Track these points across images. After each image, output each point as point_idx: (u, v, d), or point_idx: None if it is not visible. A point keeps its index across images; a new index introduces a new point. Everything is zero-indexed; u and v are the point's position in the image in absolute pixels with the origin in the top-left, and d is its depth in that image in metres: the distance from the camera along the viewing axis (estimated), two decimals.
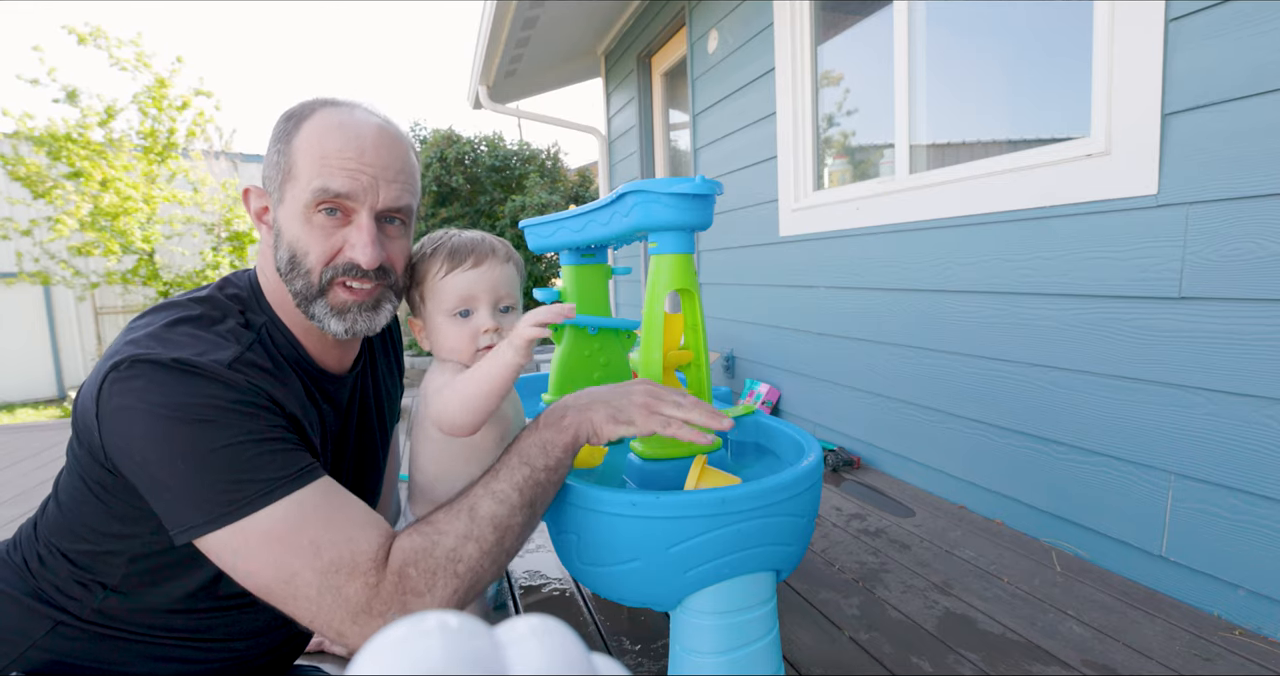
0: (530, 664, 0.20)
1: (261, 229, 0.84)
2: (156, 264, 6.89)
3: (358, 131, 0.77)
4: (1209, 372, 1.30)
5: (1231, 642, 1.23)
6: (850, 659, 1.22)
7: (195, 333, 0.73)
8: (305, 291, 0.79)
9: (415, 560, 0.71)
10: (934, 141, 2.08)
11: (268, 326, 0.81)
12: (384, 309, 0.84)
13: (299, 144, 0.76)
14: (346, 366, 0.92)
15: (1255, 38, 1.19)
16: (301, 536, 0.67)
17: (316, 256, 0.77)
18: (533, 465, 0.81)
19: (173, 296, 0.82)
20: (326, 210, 0.76)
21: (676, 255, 1.05)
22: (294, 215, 0.77)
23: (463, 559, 0.73)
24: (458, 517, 0.75)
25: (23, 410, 7.97)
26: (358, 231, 0.78)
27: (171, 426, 0.66)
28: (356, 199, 0.77)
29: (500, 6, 3.75)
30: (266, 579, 0.67)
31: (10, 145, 6.36)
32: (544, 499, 0.82)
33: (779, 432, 1.23)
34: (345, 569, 0.68)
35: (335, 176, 0.75)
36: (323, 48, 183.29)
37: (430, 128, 7.21)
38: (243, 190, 0.83)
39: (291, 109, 0.80)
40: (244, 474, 0.66)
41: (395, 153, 0.80)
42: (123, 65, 6.37)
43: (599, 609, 1.43)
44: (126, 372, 0.67)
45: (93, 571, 0.77)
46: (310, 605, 0.68)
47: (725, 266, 3.28)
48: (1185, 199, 1.32)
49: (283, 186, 0.78)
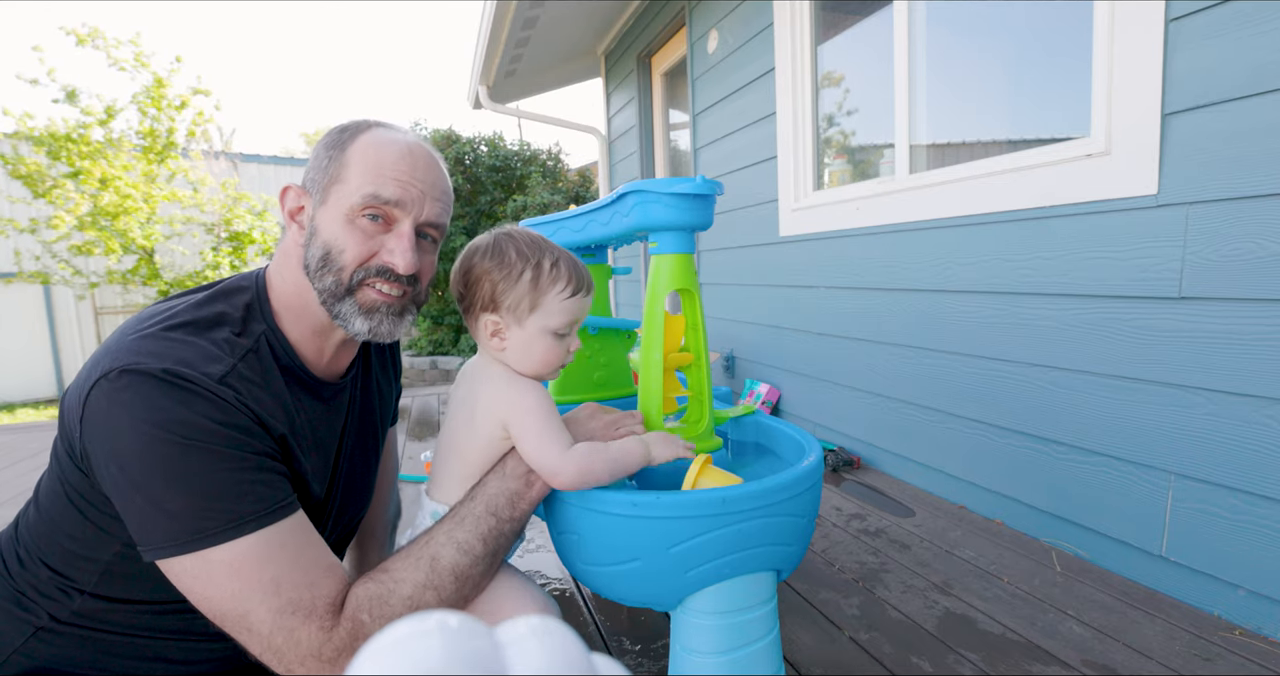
0: (530, 664, 0.20)
1: (292, 228, 0.84)
2: (156, 264, 6.89)
3: (410, 149, 0.82)
4: (1209, 373, 1.30)
5: (1231, 642, 1.23)
6: (850, 659, 1.22)
7: (190, 339, 0.72)
8: (334, 289, 0.80)
9: (370, 607, 0.72)
10: (934, 141, 2.08)
11: (266, 334, 0.81)
12: (406, 319, 0.86)
13: (354, 151, 0.80)
14: (341, 371, 0.92)
15: (1255, 38, 1.19)
16: (264, 572, 0.68)
17: (352, 256, 0.79)
18: (499, 516, 0.83)
19: (176, 295, 0.82)
20: (370, 215, 0.79)
21: (676, 255, 1.05)
22: (336, 216, 0.80)
23: (421, 607, 0.73)
24: (417, 567, 0.77)
25: (23, 410, 7.97)
26: (398, 238, 0.81)
27: (153, 445, 0.65)
28: (404, 207, 0.81)
29: (500, 6, 3.75)
30: (222, 608, 0.68)
31: (10, 145, 6.36)
32: (505, 548, 0.85)
33: (779, 432, 1.23)
34: (302, 611, 0.68)
35: (387, 185, 0.79)
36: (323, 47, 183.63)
37: (431, 128, 7.21)
38: (282, 188, 0.84)
39: (346, 123, 0.85)
40: (218, 502, 0.66)
41: (440, 174, 0.86)
42: (121, 65, 6.37)
43: (599, 609, 1.43)
44: (116, 383, 0.66)
45: (69, 575, 0.76)
46: (261, 641, 0.68)
47: (725, 266, 3.28)
48: (1185, 199, 1.32)
49: (327, 188, 0.80)
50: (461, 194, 7.01)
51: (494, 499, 0.84)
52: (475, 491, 0.86)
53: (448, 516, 0.83)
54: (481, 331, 0.92)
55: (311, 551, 0.72)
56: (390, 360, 1.09)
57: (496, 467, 0.88)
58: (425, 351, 7.58)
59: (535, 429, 0.87)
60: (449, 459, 0.93)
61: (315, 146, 0.85)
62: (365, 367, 0.99)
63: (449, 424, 0.94)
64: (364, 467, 1.01)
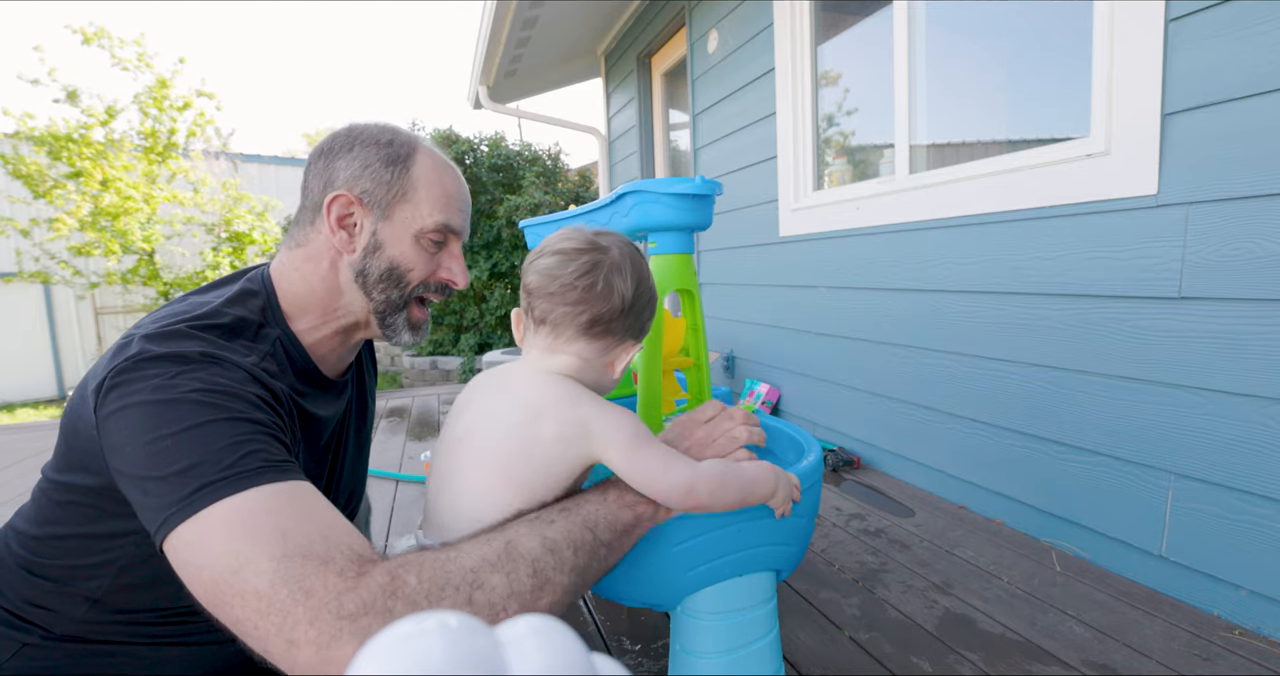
0: (530, 663, 0.20)
1: (338, 235, 0.83)
2: (156, 264, 6.89)
3: (458, 178, 0.91)
4: (1209, 373, 1.30)
5: (1231, 642, 1.23)
6: (850, 659, 1.22)
7: (209, 338, 0.72)
8: (396, 301, 0.87)
9: (420, 568, 0.58)
10: (934, 141, 2.08)
11: (281, 339, 0.82)
12: (429, 325, 0.96)
13: (419, 174, 0.85)
14: (344, 370, 0.95)
15: (1255, 38, 1.19)
16: (266, 521, 0.57)
17: (419, 274, 0.87)
18: (597, 535, 0.71)
19: (182, 297, 0.82)
20: (437, 239, 0.87)
21: (676, 255, 1.05)
22: (404, 235, 0.85)
23: (483, 587, 0.60)
24: (487, 543, 0.64)
25: (23, 410, 7.97)
26: (452, 258, 0.90)
27: (171, 407, 0.62)
28: (459, 232, 0.91)
29: (500, 6, 3.75)
30: (214, 572, 0.55)
31: (11, 145, 6.36)
32: (594, 574, 0.71)
33: (779, 432, 1.23)
34: (315, 558, 0.55)
35: (456, 216, 0.89)
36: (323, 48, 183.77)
37: (431, 127, 7.21)
38: (332, 196, 0.82)
39: (389, 134, 0.86)
40: (224, 457, 0.60)
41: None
42: (125, 65, 6.38)
43: (599, 609, 1.43)
44: (134, 369, 0.64)
45: (72, 589, 0.74)
46: (259, 602, 0.53)
47: (725, 266, 3.28)
48: (1185, 199, 1.32)
49: (393, 205, 0.84)
50: None
51: (592, 517, 0.73)
52: (568, 504, 0.74)
53: (531, 516, 0.70)
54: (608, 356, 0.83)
55: (328, 512, 0.62)
56: (369, 354, 1.12)
57: (596, 492, 0.77)
58: (425, 351, 7.58)
59: (653, 452, 0.77)
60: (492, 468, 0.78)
61: (358, 152, 0.83)
62: (358, 364, 1.02)
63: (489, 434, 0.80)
64: (358, 464, 1.04)
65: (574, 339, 0.81)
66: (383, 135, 0.86)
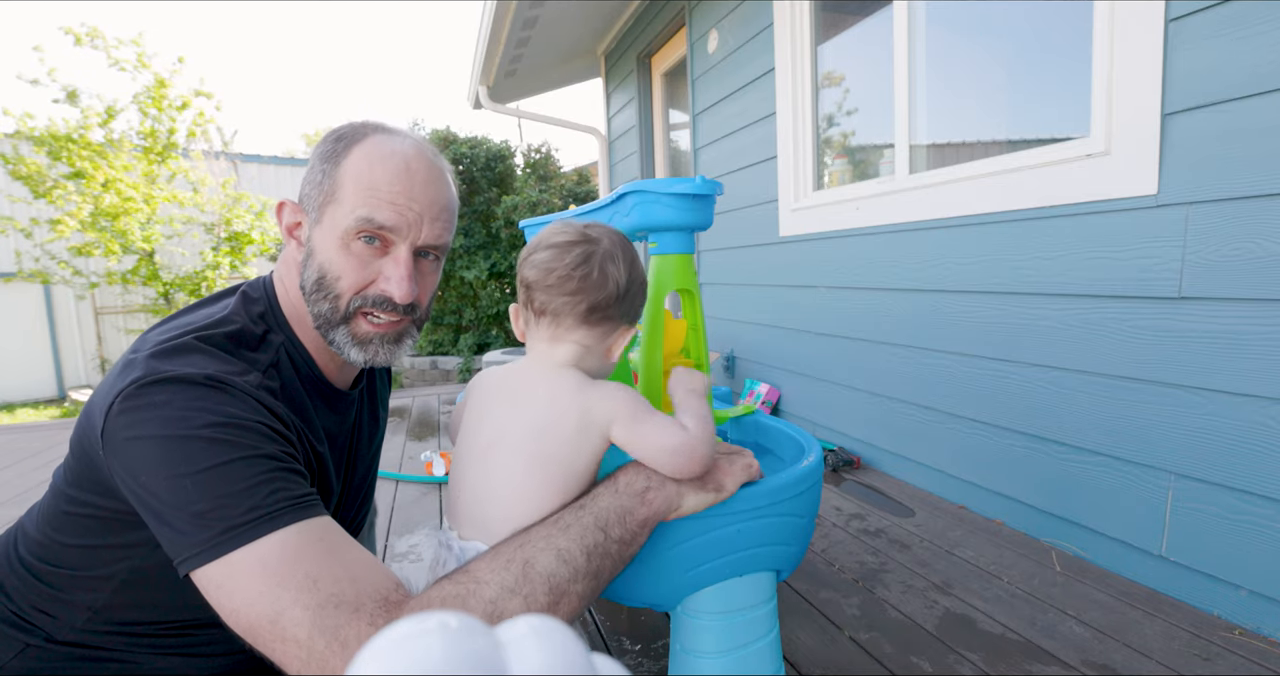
0: (530, 663, 0.20)
1: (290, 243, 0.82)
2: (156, 264, 6.89)
3: (408, 164, 0.76)
4: (1209, 373, 1.30)
5: (1231, 642, 1.23)
6: (850, 659, 1.22)
7: (213, 351, 0.70)
8: (329, 316, 0.77)
9: (443, 606, 0.62)
10: (934, 141, 2.08)
11: (285, 346, 0.79)
12: (405, 343, 0.83)
13: (348, 168, 0.75)
14: (352, 381, 0.92)
15: (1255, 38, 1.19)
16: (296, 568, 0.60)
17: (348, 284, 0.76)
18: (608, 533, 0.72)
19: (187, 309, 0.80)
20: (366, 238, 0.76)
21: (677, 255, 1.05)
22: (331, 238, 0.76)
23: (504, 614, 0.62)
24: (507, 569, 0.66)
25: (23, 410, 7.97)
26: (395, 265, 0.77)
27: (180, 444, 0.62)
28: (399, 233, 0.76)
29: (500, 6, 3.75)
30: (252, 617, 0.59)
31: (10, 145, 6.37)
32: (609, 574, 0.72)
33: (779, 432, 1.23)
34: (347, 607, 0.59)
35: (382, 208, 0.74)
36: (323, 47, 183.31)
37: (430, 128, 7.21)
38: (278, 203, 0.81)
39: (341, 130, 0.79)
40: (245, 499, 0.61)
41: (442, 189, 0.80)
42: (122, 66, 6.38)
43: (599, 609, 1.43)
44: (140, 393, 0.63)
45: (75, 598, 0.74)
46: (301, 651, 0.58)
47: (725, 266, 3.28)
48: (1185, 199, 1.32)
49: (323, 207, 0.76)
50: (459, 196, 6.99)
51: (604, 513, 0.73)
52: (584, 501, 0.75)
53: (547, 521, 0.72)
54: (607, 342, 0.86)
55: (351, 549, 0.64)
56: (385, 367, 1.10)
57: (608, 482, 0.78)
58: (425, 351, 7.58)
59: (653, 423, 0.80)
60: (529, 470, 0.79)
61: (311, 155, 0.80)
62: (370, 373, 1.00)
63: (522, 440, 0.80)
64: (367, 476, 1.02)
65: (574, 327, 0.83)
66: (338, 131, 0.79)
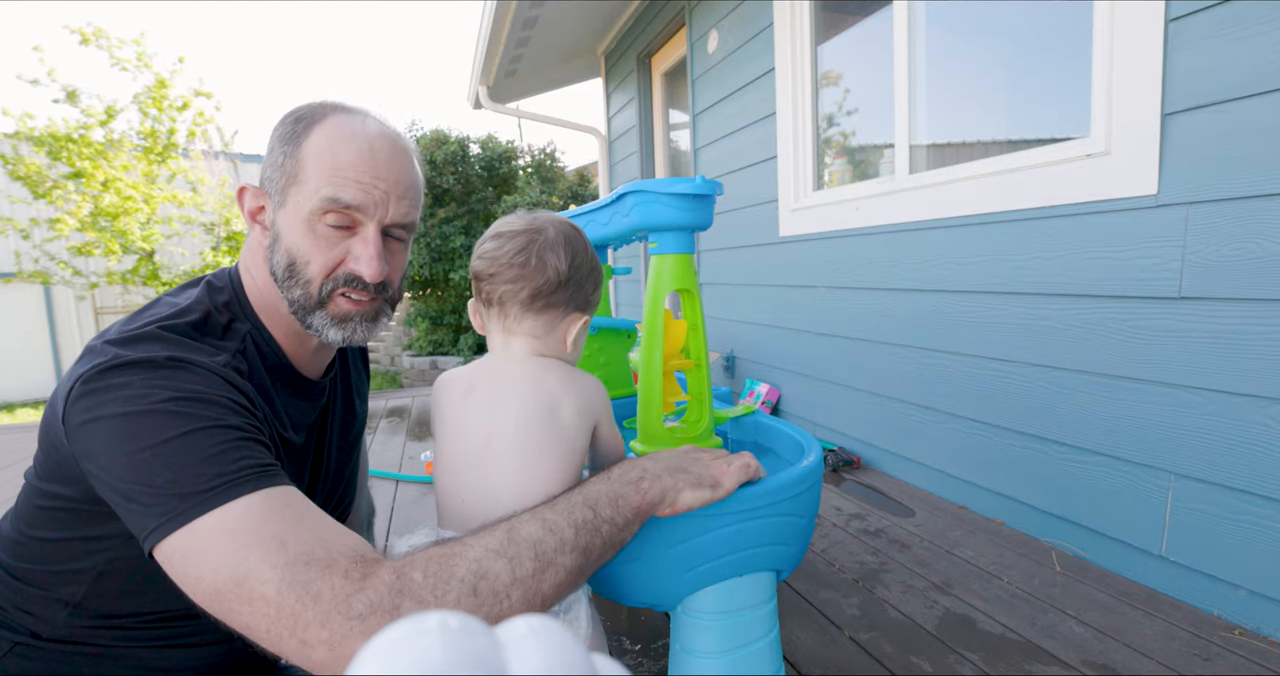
0: (530, 663, 0.20)
1: (255, 229, 0.80)
2: (156, 264, 6.89)
3: (371, 143, 0.75)
4: (1209, 373, 1.30)
5: (1231, 642, 1.23)
6: (850, 659, 1.22)
7: (178, 338, 0.69)
8: (304, 301, 0.76)
9: (426, 564, 0.59)
10: (934, 141, 2.08)
11: (252, 333, 0.78)
12: (381, 321, 0.83)
13: (309, 149, 0.74)
14: (323, 369, 0.90)
15: (1255, 38, 1.19)
16: (263, 529, 0.57)
17: (318, 267, 0.75)
18: (598, 512, 0.71)
19: (155, 301, 0.78)
20: (332, 220, 0.74)
21: (677, 255, 1.05)
22: (296, 221, 0.74)
23: (487, 576, 0.60)
24: (491, 533, 0.64)
25: (23, 410, 7.97)
26: (363, 244, 0.76)
27: (146, 418, 0.60)
28: (366, 212, 0.75)
29: (500, 6, 3.75)
30: (217, 582, 0.56)
31: (10, 145, 6.37)
32: (599, 553, 0.70)
33: (779, 432, 1.23)
34: (318, 563, 0.57)
35: (347, 187, 0.73)
36: (323, 47, 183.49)
37: (428, 128, 7.21)
38: (238, 188, 0.80)
39: (300, 110, 0.77)
40: (208, 467, 0.59)
41: (406, 168, 0.79)
42: (123, 66, 6.38)
43: (599, 609, 1.43)
44: (101, 376, 0.62)
45: (55, 593, 0.73)
46: (268, 608, 0.55)
47: (725, 266, 3.28)
48: (1185, 199, 1.32)
49: (286, 189, 0.75)
50: (454, 194, 7.00)
51: (595, 496, 0.73)
52: (576, 487, 0.76)
53: (534, 506, 0.72)
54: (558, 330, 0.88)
55: (320, 516, 0.62)
56: (362, 358, 1.09)
57: (601, 473, 0.79)
58: (425, 351, 7.58)
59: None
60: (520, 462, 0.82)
61: (270, 138, 0.78)
62: (344, 363, 0.99)
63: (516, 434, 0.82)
64: (345, 466, 1.00)
65: (521, 316, 0.85)
66: (297, 112, 0.77)
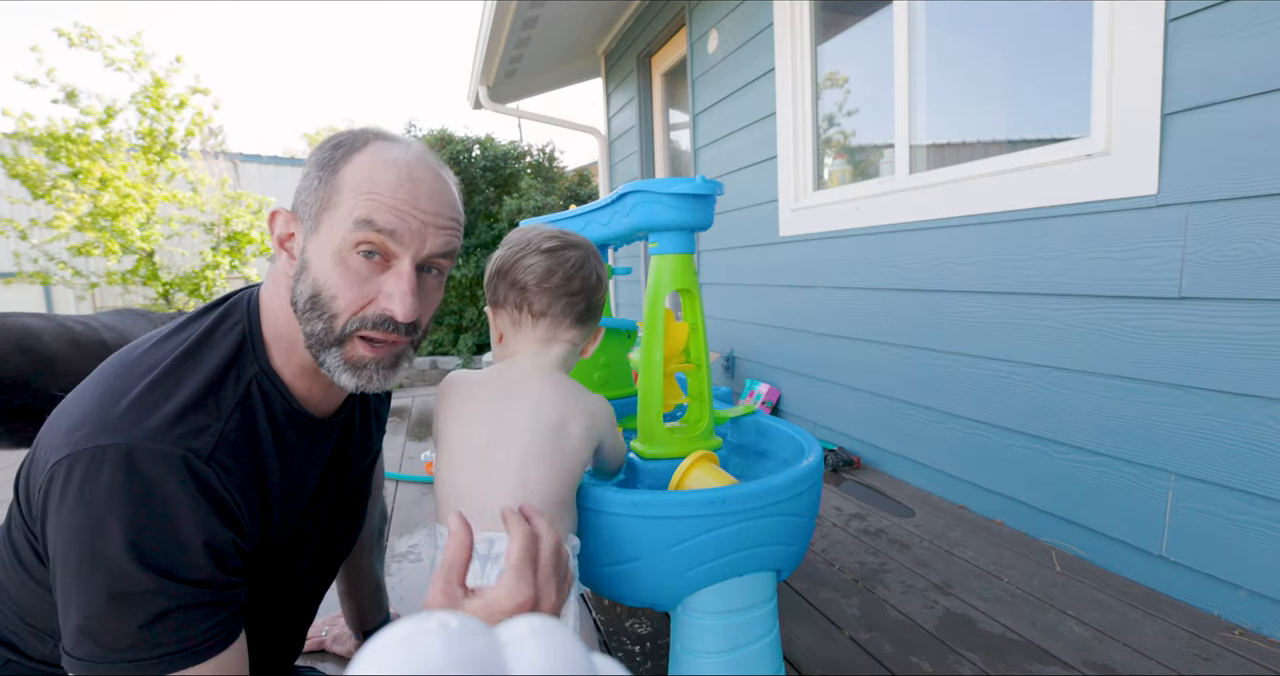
0: (530, 663, 0.20)
1: (281, 256, 0.74)
2: (156, 264, 6.89)
3: (411, 172, 0.71)
4: (1209, 373, 1.30)
5: (1231, 642, 1.23)
6: (850, 659, 1.22)
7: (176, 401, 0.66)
8: (323, 337, 0.71)
9: None
10: (934, 141, 2.08)
11: (258, 378, 0.73)
12: (401, 367, 0.76)
13: (347, 174, 0.70)
14: (338, 404, 0.85)
15: (1255, 38, 1.19)
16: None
17: (345, 303, 0.70)
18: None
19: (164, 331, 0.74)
20: (365, 252, 0.69)
21: (677, 255, 1.05)
22: (327, 250, 0.69)
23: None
24: None
25: None
26: (396, 280, 0.70)
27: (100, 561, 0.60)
28: (401, 241, 0.70)
29: (500, 6, 3.75)
30: None
31: (10, 145, 6.37)
32: None
33: (779, 432, 1.23)
34: None
35: (383, 212, 0.68)
36: (323, 47, 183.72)
37: (426, 128, 7.21)
38: (271, 212, 0.75)
39: (340, 136, 0.74)
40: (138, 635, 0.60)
41: (448, 200, 0.75)
42: (119, 65, 6.38)
43: (599, 609, 1.43)
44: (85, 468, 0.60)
45: (30, 622, 0.72)
46: None
47: (725, 266, 3.28)
48: (1185, 199, 1.32)
49: (319, 215, 0.70)
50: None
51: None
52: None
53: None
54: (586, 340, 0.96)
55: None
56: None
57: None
58: (425, 351, 7.57)
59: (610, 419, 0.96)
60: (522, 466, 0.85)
61: (307, 162, 0.75)
62: (363, 396, 0.92)
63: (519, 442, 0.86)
64: (358, 491, 0.96)
65: (571, 327, 0.91)
66: (336, 138, 0.73)
